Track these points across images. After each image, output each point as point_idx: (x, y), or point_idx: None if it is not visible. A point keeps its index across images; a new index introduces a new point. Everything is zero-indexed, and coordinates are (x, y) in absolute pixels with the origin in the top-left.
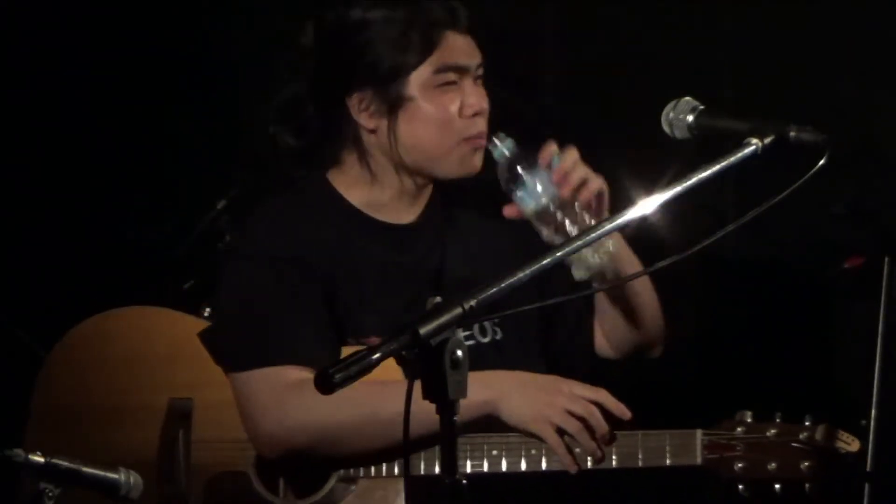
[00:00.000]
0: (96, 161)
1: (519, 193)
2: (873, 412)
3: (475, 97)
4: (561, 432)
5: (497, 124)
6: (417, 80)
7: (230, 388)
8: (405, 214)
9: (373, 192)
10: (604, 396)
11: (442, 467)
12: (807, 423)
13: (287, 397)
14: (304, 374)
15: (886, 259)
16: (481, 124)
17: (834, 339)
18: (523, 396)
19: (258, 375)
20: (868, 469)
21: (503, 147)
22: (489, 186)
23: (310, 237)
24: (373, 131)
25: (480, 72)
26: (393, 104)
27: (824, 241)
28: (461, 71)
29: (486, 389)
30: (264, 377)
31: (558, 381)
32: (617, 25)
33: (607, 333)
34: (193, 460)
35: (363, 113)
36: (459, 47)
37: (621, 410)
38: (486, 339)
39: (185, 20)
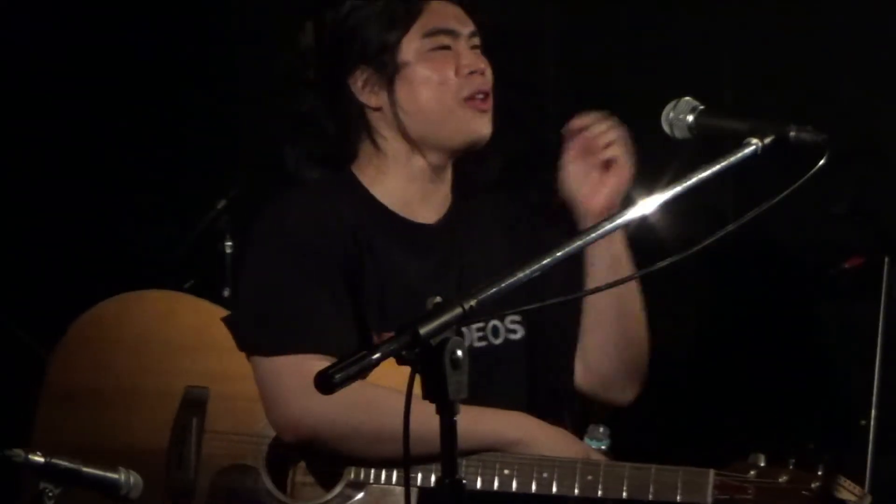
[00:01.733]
0: (97, 161)
1: None
2: (873, 412)
3: (470, 58)
4: None
5: (498, 125)
6: (409, 46)
7: (252, 372)
8: (428, 214)
9: (394, 187)
10: None
11: (442, 468)
12: (819, 473)
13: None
14: None
15: (886, 259)
16: (479, 82)
17: (834, 339)
18: (550, 449)
19: (286, 361)
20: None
21: (598, 444)
22: (509, 190)
23: (335, 228)
24: (378, 109)
25: (476, 41)
26: (390, 75)
27: (824, 241)
28: (452, 35)
29: (517, 431)
30: (294, 363)
31: (580, 444)
32: (617, 25)
33: (590, 361)
34: (204, 450)
35: (365, 92)
36: (446, 12)
37: None
38: (498, 341)
39: (185, 21)
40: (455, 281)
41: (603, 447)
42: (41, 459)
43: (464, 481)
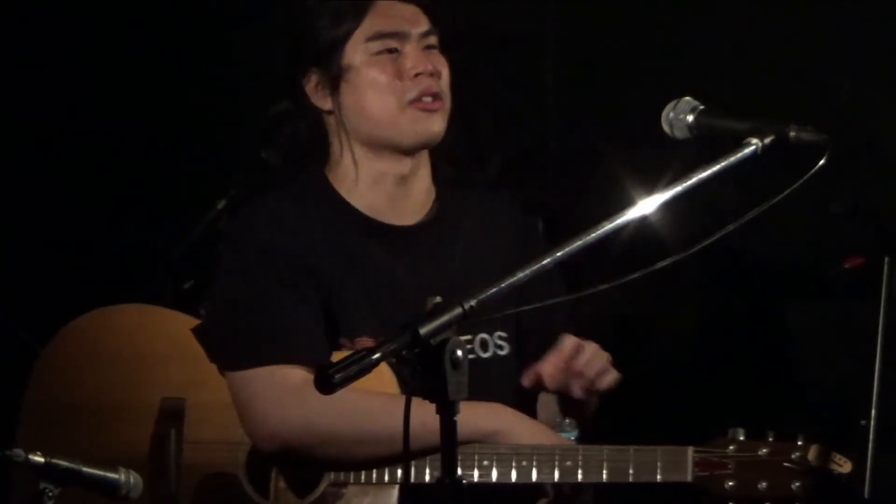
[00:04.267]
0: (96, 161)
1: None
2: (873, 412)
3: (416, 59)
4: None
5: (498, 125)
6: (353, 49)
7: (227, 385)
8: (405, 217)
9: (363, 191)
10: None
11: (442, 467)
12: (799, 443)
13: (292, 397)
14: (307, 375)
15: (886, 259)
16: (426, 84)
17: (834, 339)
18: (528, 436)
19: (259, 373)
20: (867, 471)
21: (567, 435)
22: (492, 190)
23: (307, 233)
24: (330, 112)
25: (431, 40)
26: (335, 78)
27: (824, 241)
28: (398, 37)
29: (495, 421)
30: (266, 375)
31: (557, 436)
32: (617, 26)
33: None
34: (184, 460)
35: (316, 94)
36: (395, 14)
37: None
38: (486, 355)
39: (185, 20)
40: (433, 281)
41: (572, 437)
42: (41, 459)
43: (463, 482)
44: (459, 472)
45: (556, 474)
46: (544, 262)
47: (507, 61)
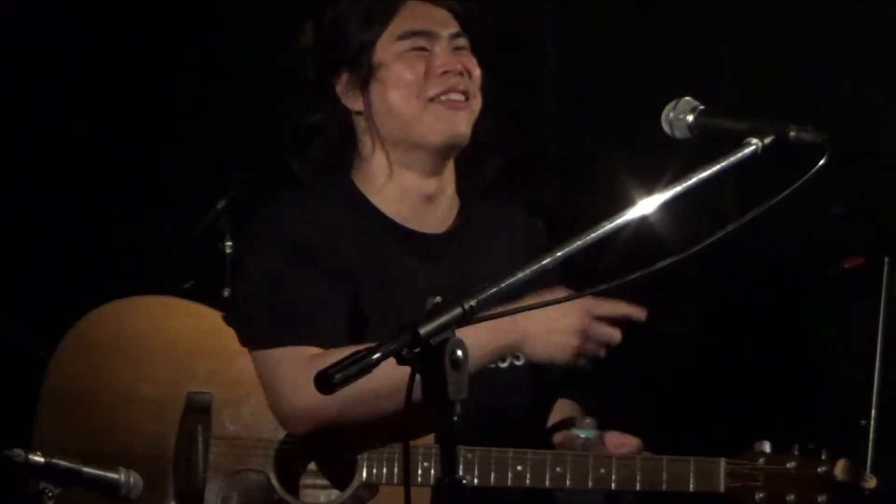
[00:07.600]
0: (97, 161)
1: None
2: (873, 412)
3: (445, 58)
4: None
5: (498, 125)
6: (383, 48)
7: (253, 378)
8: (431, 225)
9: (391, 199)
10: (611, 308)
11: (442, 467)
12: (823, 458)
13: (307, 372)
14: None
15: (886, 259)
16: (452, 82)
17: (834, 339)
18: (544, 335)
19: (283, 353)
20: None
21: (585, 433)
22: (517, 202)
23: (335, 231)
24: (360, 113)
25: (461, 42)
26: (366, 77)
27: (824, 241)
28: (428, 36)
29: (506, 335)
30: (290, 354)
31: (570, 309)
32: (617, 26)
33: None
34: (211, 456)
35: (347, 95)
36: (423, 14)
37: (636, 313)
38: (504, 365)
39: (185, 20)
40: (456, 290)
41: (591, 436)
42: (41, 459)
43: (465, 481)
44: (494, 478)
45: (590, 481)
46: (544, 261)
47: (507, 61)
